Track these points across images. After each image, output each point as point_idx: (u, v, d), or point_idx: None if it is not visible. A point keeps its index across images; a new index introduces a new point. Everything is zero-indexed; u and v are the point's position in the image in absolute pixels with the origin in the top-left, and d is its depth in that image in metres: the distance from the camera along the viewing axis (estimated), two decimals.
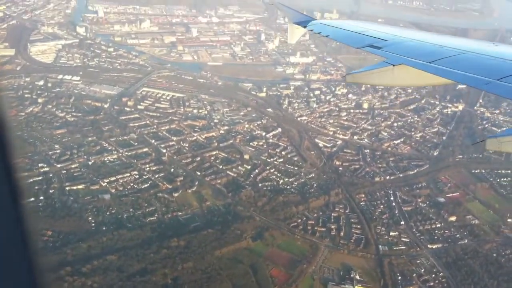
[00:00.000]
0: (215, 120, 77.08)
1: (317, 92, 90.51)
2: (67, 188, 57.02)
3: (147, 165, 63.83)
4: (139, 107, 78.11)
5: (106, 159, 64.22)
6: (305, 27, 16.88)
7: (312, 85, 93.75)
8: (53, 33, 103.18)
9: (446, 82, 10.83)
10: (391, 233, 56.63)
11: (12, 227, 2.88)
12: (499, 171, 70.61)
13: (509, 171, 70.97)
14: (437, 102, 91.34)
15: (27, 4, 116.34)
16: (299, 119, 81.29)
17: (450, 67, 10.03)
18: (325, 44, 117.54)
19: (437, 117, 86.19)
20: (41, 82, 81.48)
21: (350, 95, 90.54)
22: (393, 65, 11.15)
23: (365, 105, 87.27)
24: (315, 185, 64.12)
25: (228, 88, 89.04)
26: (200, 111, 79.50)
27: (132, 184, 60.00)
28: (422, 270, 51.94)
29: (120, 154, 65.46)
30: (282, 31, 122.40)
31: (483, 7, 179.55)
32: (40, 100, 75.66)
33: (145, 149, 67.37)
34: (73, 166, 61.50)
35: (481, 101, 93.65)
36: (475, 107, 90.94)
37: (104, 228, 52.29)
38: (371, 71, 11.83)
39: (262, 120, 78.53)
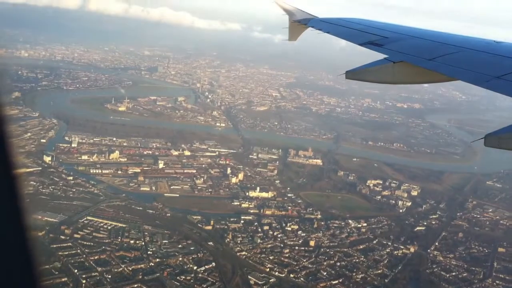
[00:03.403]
0: (149, 252, 75.67)
1: (266, 228, 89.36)
2: None
3: None
4: (75, 235, 77.35)
5: None
6: (305, 25, 17.09)
7: (264, 220, 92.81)
8: (18, 161, 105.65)
9: (445, 79, 10.78)
10: None
11: (11, 225, 2.89)
12: None
13: None
14: (389, 243, 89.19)
15: None
16: (238, 254, 79.47)
17: (451, 64, 10.13)
18: (291, 180, 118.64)
19: (385, 258, 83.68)
20: None
21: (299, 232, 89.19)
22: (394, 62, 11.20)
23: (312, 243, 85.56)
24: None
25: (175, 220, 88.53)
26: (138, 242, 78.40)
27: None
28: None
29: None
30: (251, 166, 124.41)
31: (465, 151, 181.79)
32: None
33: (64, 279, 65.69)
34: None
35: (437, 243, 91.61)
36: (429, 250, 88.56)
37: None
38: (371, 68, 11.70)
39: (199, 254, 76.89)
